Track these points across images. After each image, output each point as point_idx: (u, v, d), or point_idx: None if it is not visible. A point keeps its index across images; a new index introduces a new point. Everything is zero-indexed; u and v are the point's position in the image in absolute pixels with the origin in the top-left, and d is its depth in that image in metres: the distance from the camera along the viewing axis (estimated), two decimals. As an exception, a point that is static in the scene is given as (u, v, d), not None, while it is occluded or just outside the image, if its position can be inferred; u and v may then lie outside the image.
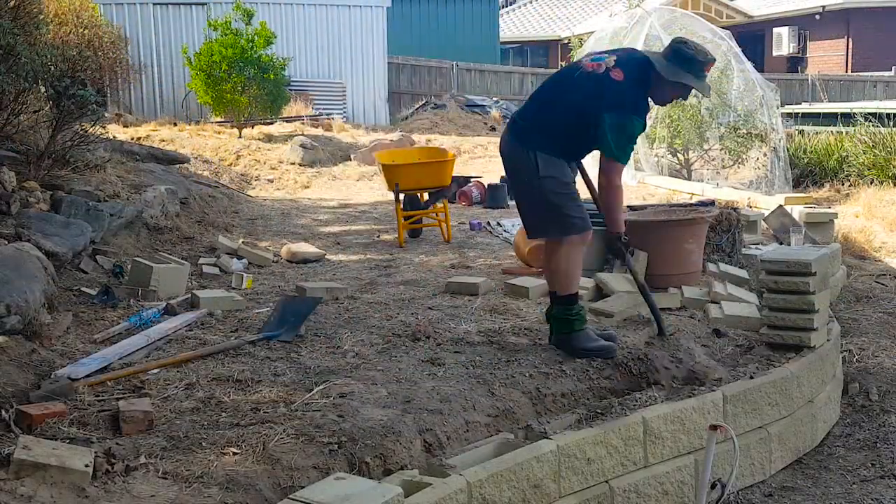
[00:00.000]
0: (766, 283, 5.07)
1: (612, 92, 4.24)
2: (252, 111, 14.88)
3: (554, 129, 4.33)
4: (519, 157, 4.41)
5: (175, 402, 3.70)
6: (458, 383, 4.02)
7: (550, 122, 4.35)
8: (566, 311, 4.47)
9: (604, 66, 4.30)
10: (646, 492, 3.96)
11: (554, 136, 4.33)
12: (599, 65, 4.32)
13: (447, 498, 3.10)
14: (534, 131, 4.38)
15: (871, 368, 5.88)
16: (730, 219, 6.73)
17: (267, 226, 9.02)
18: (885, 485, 4.46)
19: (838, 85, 24.89)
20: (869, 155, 12.67)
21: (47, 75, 6.78)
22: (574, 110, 4.31)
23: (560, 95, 4.43)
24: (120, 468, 3.00)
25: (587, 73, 4.32)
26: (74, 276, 5.78)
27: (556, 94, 4.47)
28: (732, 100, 13.09)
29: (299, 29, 18.27)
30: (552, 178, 4.32)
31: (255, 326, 4.95)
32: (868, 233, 9.77)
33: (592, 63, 4.36)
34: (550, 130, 4.34)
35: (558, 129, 4.33)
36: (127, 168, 8.67)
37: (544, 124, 4.36)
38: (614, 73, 4.26)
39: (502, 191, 10.49)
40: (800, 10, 27.84)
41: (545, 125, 4.36)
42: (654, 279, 5.86)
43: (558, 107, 4.38)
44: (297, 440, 3.32)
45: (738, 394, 4.39)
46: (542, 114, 4.42)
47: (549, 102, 4.44)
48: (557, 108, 4.38)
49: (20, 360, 4.01)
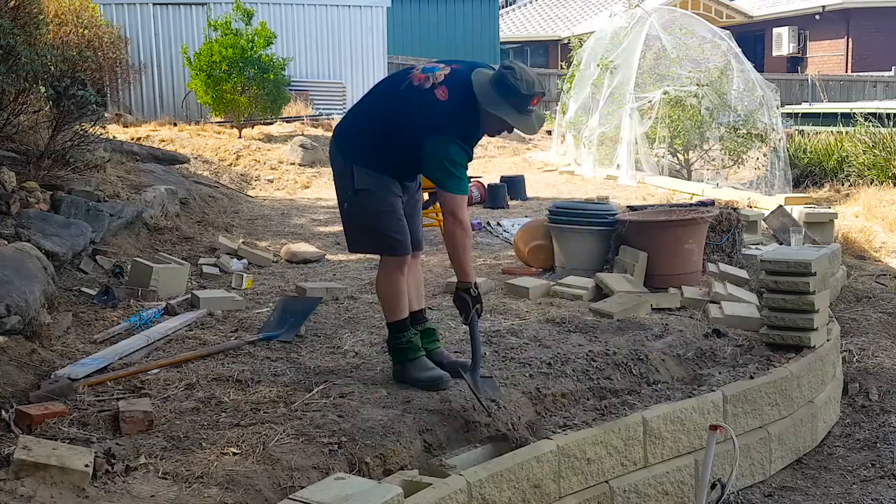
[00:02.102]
0: (766, 283, 5.07)
1: (432, 112, 3.69)
2: (252, 111, 14.87)
3: (373, 142, 3.82)
4: (337, 168, 3.95)
5: (175, 402, 3.70)
6: (458, 383, 4.01)
7: (369, 134, 3.84)
8: (395, 339, 3.99)
9: (431, 80, 3.74)
10: (646, 492, 3.97)
11: (374, 149, 3.82)
12: (427, 78, 3.76)
13: (447, 498, 3.10)
14: (353, 142, 3.89)
15: (871, 368, 5.89)
16: (730, 219, 6.73)
17: (267, 226, 9.02)
18: (885, 485, 4.47)
19: (838, 85, 24.89)
20: (869, 155, 12.68)
21: (47, 75, 6.78)
22: (395, 126, 3.79)
23: (382, 107, 3.88)
24: (120, 468, 3.00)
25: (413, 86, 3.77)
26: (74, 276, 5.78)
27: (379, 104, 3.92)
28: (732, 100, 13.11)
29: (299, 29, 18.26)
30: (368, 192, 3.82)
31: (255, 326, 4.95)
32: (868, 233, 9.78)
33: (422, 75, 3.79)
34: (369, 143, 3.83)
35: (377, 142, 3.82)
36: (127, 168, 8.67)
37: (363, 136, 3.86)
38: (439, 91, 3.70)
39: (502, 191, 10.49)
40: (800, 10, 27.84)
41: (363, 137, 3.86)
42: (654, 279, 5.88)
43: (377, 119, 3.85)
44: (297, 440, 3.33)
45: (738, 394, 4.39)
46: (363, 124, 3.91)
47: (371, 113, 3.90)
48: (377, 119, 3.85)
49: (20, 360, 4.01)
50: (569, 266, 6.30)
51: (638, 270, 5.84)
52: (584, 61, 14.86)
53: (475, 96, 3.71)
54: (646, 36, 13.44)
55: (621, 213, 6.47)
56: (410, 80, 3.80)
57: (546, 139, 17.26)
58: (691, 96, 12.79)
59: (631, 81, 13.08)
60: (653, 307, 5.52)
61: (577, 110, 14.50)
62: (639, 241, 5.98)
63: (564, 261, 6.37)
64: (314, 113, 17.11)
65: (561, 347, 4.61)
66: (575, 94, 14.78)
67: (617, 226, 6.20)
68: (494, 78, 3.72)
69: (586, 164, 13.76)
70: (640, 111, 12.95)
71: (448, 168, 3.67)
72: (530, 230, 6.79)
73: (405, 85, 3.81)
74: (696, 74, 13.12)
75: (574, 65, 15.54)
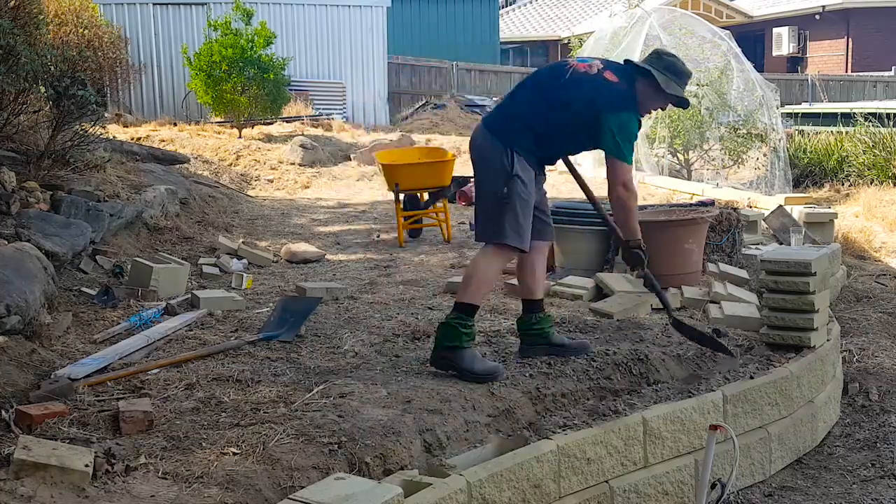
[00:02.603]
0: (766, 283, 5.07)
1: (611, 92, 4.13)
2: (252, 111, 14.88)
3: (535, 130, 4.13)
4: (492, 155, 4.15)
5: (175, 402, 3.70)
6: (458, 383, 4.01)
7: (530, 123, 4.14)
8: (460, 320, 4.07)
9: (595, 67, 4.19)
10: (646, 492, 3.96)
11: (534, 137, 4.14)
12: (590, 65, 4.21)
13: (447, 498, 3.10)
14: (514, 130, 4.15)
15: (871, 368, 5.89)
16: (730, 219, 6.73)
17: (267, 226, 9.02)
18: (885, 485, 4.46)
19: (838, 85, 24.90)
20: (869, 155, 12.68)
21: (47, 75, 6.78)
22: (569, 110, 4.13)
23: (549, 95, 4.19)
24: (120, 468, 3.00)
25: (580, 73, 4.17)
26: (74, 276, 5.78)
27: (543, 93, 4.23)
28: (732, 100, 13.12)
29: (299, 29, 18.26)
30: (520, 180, 4.09)
31: (255, 326, 4.95)
32: (868, 233, 9.78)
33: (582, 64, 4.23)
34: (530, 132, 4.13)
35: (540, 130, 4.14)
36: (127, 168, 8.67)
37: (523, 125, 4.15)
38: (607, 74, 4.17)
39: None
40: (800, 10, 27.84)
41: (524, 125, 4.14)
42: (654, 279, 5.87)
43: (542, 107, 4.16)
44: (297, 440, 3.32)
45: (738, 394, 4.39)
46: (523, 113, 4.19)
47: (535, 103, 4.20)
48: (541, 108, 4.16)
49: (20, 360, 4.01)
50: (569, 266, 6.30)
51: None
52: (584, 61, 14.85)
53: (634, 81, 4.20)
54: (645, 36, 13.44)
55: (621, 213, 6.45)
56: (574, 69, 4.20)
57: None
58: (691, 96, 12.80)
59: (631, 81, 13.07)
60: (653, 307, 5.51)
61: (577, 110, 14.49)
62: (639, 241, 5.97)
63: (564, 261, 6.37)
64: (314, 113, 17.12)
65: (561, 347, 4.60)
66: (575, 94, 14.77)
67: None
68: (664, 65, 4.25)
69: (586, 163, 13.74)
70: (639, 111, 12.94)
71: (627, 140, 4.13)
72: (530, 230, 6.78)
73: (569, 74, 4.19)
74: (696, 74, 13.12)
75: (574, 65, 15.53)
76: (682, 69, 4.31)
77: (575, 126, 4.17)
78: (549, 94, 4.21)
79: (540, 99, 4.21)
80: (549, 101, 4.19)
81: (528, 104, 4.22)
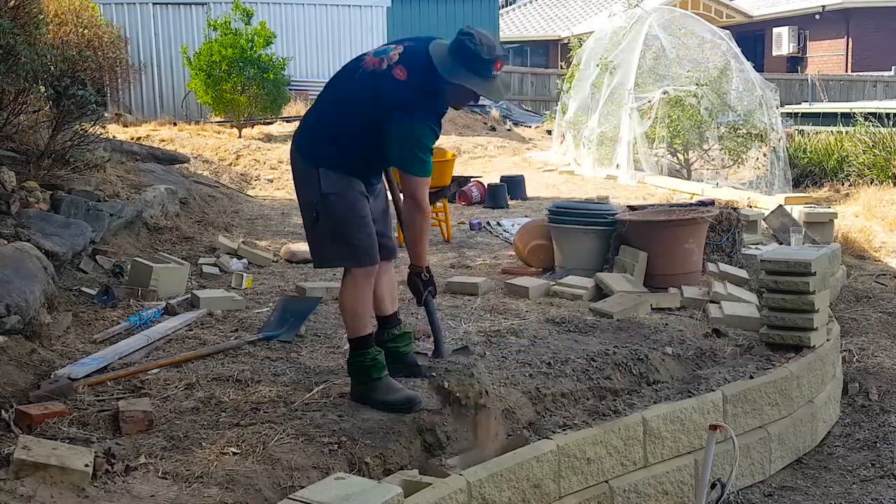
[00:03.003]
0: (766, 283, 5.07)
1: (394, 93, 3.55)
2: (252, 111, 14.88)
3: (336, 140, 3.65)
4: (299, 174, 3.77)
5: (175, 402, 3.70)
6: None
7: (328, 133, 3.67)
8: (358, 356, 3.73)
9: (386, 62, 3.60)
10: (646, 492, 3.97)
11: (336, 148, 3.64)
12: (382, 60, 3.62)
13: (447, 498, 3.10)
14: (315, 143, 3.71)
15: (871, 368, 5.89)
16: (730, 219, 6.73)
17: (267, 226, 9.02)
18: (885, 485, 4.47)
19: (838, 85, 24.90)
20: (869, 155, 12.69)
21: (47, 75, 6.77)
22: (356, 116, 3.63)
23: (340, 99, 3.72)
24: (120, 468, 3.00)
25: (367, 72, 3.63)
26: (74, 276, 5.77)
27: (336, 97, 3.74)
28: (732, 100, 13.13)
29: (299, 29, 18.27)
30: (336, 195, 3.63)
31: (255, 326, 4.95)
32: (868, 233, 9.78)
33: (374, 59, 3.65)
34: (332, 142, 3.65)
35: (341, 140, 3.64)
36: (127, 168, 8.67)
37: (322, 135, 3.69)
38: (397, 70, 3.56)
39: (502, 191, 10.50)
40: (800, 9, 27.84)
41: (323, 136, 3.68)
42: (654, 279, 5.88)
43: (335, 114, 3.70)
44: (297, 440, 3.32)
45: (738, 394, 4.39)
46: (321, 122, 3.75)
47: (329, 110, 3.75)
48: (335, 115, 3.70)
49: (20, 360, 4.01)
50: (569, 266, 6.30)
51: (638, 270, 5.84)
52: (584, 61, 14.88)
53: (435, 69, 3.55)
54: (645, 36, 13.46)
55: (621, 213, 6.46)
56: (363, 67, 3.65)
57: (546, 139, 17.27)
58: (691, 96, 12.81)
59: (630, 81, 13.10)
60: (653, 307, 5.52)
61: (577, 110, 14.52)
62: (639, 241, 5.98)
63: (564, 261, 6.36)
64: (314, 113, 17.10)
65: (561, 347, 4.61)
66: (574, 94, 14.80)
67: (617, 225, 6.20)
68: (452, 46, 3.55)
69: (586, 163, 13.77)
70: (639, 111, 12.96)
71: (414, 151, 3.55)
72: (530, 230, 6.79)
73: (359, 73, 3.66)
74: (696, 74, 13.14)
75: (574, 65, 15.56)
76: (471, 51, 3.49)
77: (363, 133, 3.63)
78: (342, 98, 3.72)
79: (333, 105, 3.74)
80: (340, 106, 3.71)
81: (326, 112, 3.76)
